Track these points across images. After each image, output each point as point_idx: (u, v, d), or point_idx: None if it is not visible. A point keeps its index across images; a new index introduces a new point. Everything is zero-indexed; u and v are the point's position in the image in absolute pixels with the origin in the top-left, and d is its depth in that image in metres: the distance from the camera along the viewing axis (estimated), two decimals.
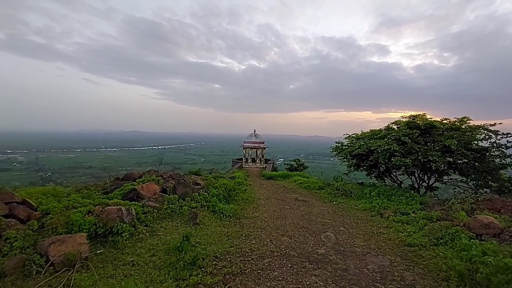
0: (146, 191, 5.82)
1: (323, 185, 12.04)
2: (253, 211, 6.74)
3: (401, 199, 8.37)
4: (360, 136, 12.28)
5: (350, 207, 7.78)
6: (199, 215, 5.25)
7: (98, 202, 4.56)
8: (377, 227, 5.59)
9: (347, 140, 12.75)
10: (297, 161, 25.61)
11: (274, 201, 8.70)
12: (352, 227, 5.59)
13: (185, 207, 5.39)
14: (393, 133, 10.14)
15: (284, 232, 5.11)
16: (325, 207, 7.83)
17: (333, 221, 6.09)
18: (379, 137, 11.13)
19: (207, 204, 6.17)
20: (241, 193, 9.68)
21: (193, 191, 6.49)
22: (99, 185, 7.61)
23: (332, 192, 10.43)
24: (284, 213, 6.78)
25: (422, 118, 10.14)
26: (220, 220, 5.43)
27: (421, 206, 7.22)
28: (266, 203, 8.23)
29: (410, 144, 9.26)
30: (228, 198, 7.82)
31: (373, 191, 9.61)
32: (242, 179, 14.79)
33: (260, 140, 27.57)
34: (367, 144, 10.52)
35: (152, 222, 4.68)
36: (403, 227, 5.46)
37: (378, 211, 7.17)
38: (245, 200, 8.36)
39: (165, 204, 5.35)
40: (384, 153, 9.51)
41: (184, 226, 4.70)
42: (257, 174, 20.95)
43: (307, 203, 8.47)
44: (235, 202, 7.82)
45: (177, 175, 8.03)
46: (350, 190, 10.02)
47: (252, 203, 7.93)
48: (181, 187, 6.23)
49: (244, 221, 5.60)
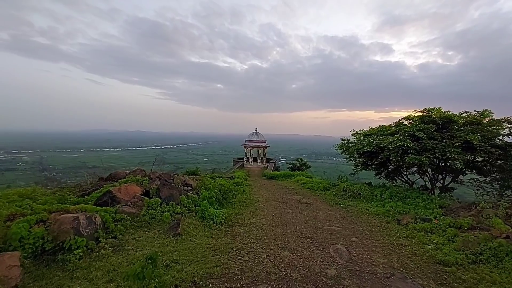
0: (124, 193, 4.99)
1: (328, 185, 11.13)
2: (249, 216, 5.87)
3: (418, 201, 7.42)
4: (369, 132, 11.31)
5: (360, 211, 6.86)
6: (183, 222, 4.40)
7: (55, 208, 3.74)
8: (396, 237, 4.68)
9: (354, 137, 11.79)
10: (300, 160, 24.66)
11: (275, 203, 7.82)
12: (366, 237, 4.68)
13: (166, 213, 4.53)
14: (406, 128, 9.18)
15: (284, 243, 4.24)
16: (331, 211, 6.93)
17: (343, 228, 5.19)
18: (389, 133, 10.17)
19: (196, 208, 5.32)
20: (239, 195, 8.82)
21: (180, 194, 5.65)
22: (80, 186, 6.85)
23: (338, 193, 9.51)
24: (285, 219, 5.90)
25: (438, 111, 9.15)
26: (208, 228, 4.57)
27: (443, 211, 6.28)
28: (265, 206, 7.36)
29: (425, 140, 8.30)
30: (222, 200, 6.97)
31: (385, 192, 8.66)
32: (242, 179, 13.91)
33: (261, 139, 26.65)
34: (377, 140, 9.58)
35: (123, 232, 3.85)
36: (427, 238, 4.54)
37: (393, 216, 6.25)
38: (242, 202, 7.50)
39: (144, 210, 4.51)
40: (396, 150, 8.56)
41: (162, 238, 3.85)
42: (258, 173, 20.13)
43: (311, 206, 7.57)
44: (230, 205, 6.96)
45: (165, 174, 7.20)
46: (359, 191, 9.10)
47: (250, 206, 7.07)
48: (166, 189, 5.39)
49: (237, 229, 4.74)
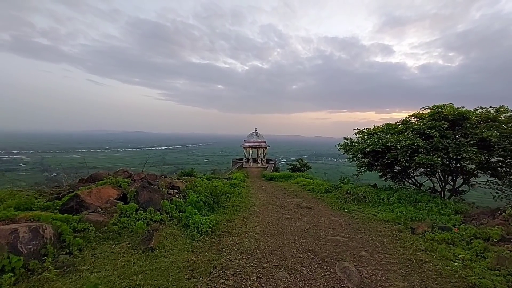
0: (95, 198, 4.31)
1: (330, 187, 10.42)
2: (242, 224, 5.17)
3: (430, 206, 6.70)
4: (373, 131, 10.61)
5: (367, 217, 6.14)
6: (161, 233, 3.71)
7: (1, 216, 3.07)
8: (413, 250, 3.96)
9: (357, 136, 11.08)
10: (300, 161, 23.94)
11: (272, 208, 7.12)
12: (377, 250, 3.97)
13: (140, 222, 3.83)
14: (415, 126, 8.46)
15: (280, 259, 3.53)
16: (335, 217, 6.21)
17: (349, 239, 4.47)
18: (396, 131, 9.46)
19: (180, 215, 4.63)
20: (233, 198, 8.12)
21: (163, 197, 4.95)
22: (56, 188, 6.19)
23: (341, 196, 8.79)
24: (283, 226, 5.20)
25: (450, 107, 8.43)
26: (191, 240, 3.87)
27: (462, 217, 5.55)
28: (261, 211, 6.65)
29: (437, 138, 7.59)
30: (213, 205, 6.27)
31: (392, 195, 7.94)
32: (239, 180, 13.21)
33: (261, 139, 25.96)
34: (383, 139, 8.87)
35: (83, 246, 3.17)
36: (451, 252, 3.83)
37: (405, 223, 5.52)
38: (236, 207, 6.80)
39: (115, 217, 3.82)
40: (404, 149, 7.86)
41: (130, 253, 3.16)
42: (257, 174, 19.47)
43: (312, 211, 6.86)
44: (222, 210, 6.27)
45: (150, 176, 6.52)
46: (364, 194, 8.37)
47: (244, 211, 6.37)
48: (145, 192, 4.70)
49: (226, 241, 4.03)
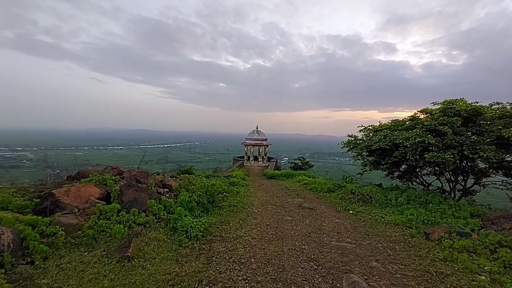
0: (73, 197, 3.88)
1: (333, 186, 9.93)
2: (237, 226, 4.72)
3: (443, 208, 6.19)
4: (379, 127, 10.06)
5: (375, 220, 5.65)
6: (144, 238, 3.27)
7: None
8: (431, 260, 3.47)
9: (362, 133, 10.54)
10: (302, 159, 23.40)
11: (271, 208, 6.66)
12: (389, 260, 3.49)
13: (118, 225, 3.38)
14: (426, 122, 7.91)
15: (278, 271, 3.07)
16: (339, 219, 5.73)
17: (356, 245, 4.00)
18: (404, 128, 8.92)
19: (168, 217, 4.19)
20: (231, 197, 7.67)
21: (150, 197, 4.52)
22: (40, 187, 5.79)
23: (345, 196, 8.30)
24: (283, 230, 4.73)
25: (463, 102, 7.86)
26: (177, 246, 3.43)
27: (481, 222, 5.04)
28: (260, 211, 6.20)
29: (450, 135, 7.04)
30: (208, 205, 5.82)
31: (400, 196, 7.44)
32: (239, 178, 12.77)
33: (262, 137, 25.47)
34: (390, 136, 8.33)
35: (50, 254, 2.75)
36: (474, 262, 3.34)
37: (417, 227, 5.03)
38: (233, 207, 6.36)
39: (91, 220, 3.39)
40: (414, 147, 7.33)
41: (103, 263, 2.73)
42: (258, 173, 19.05)
43: (315, 212, 6.39)
44: (217, 211, 5.82)
45: (142, 173, 6.09)
46: (369, 194, 7.87)
47: (241, 212, 5.92)
48: (130, 191, 4.27)
49: (217, 247, 3.59)
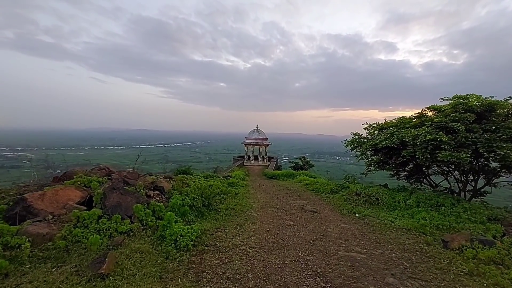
0: (48, 202, 3.45)
1: (336, 187, 9.47)
2: (234, 233, 4.28)
3: (457, 211, 5.73)
4: (385, 125, 9.58)
5: (384, 225, 5.19)
6: (125, 249, 2.84)
7: None
8: (454, 274, 3.02)
9: (366, 131, 10.06)
10: (303, 159, 22.87)
11: (272, 211, 6.21)
12: (407, 275, 3.03)
13: (94, 236, 2.94)
14: (436, 119, 7.44)
15: None
16: (346, 224, 5.28)
17: (368, 256, 3.55)
18: (412, 125, 8.45)
19: (156, 223, 3.76)
20: (229, 199, 7.24)
21: (138, 201, 4.08)
22: (24, 188, 5.37)
23: (350, 198, 7.85)
24: (284, 237, 4.29)
25: (476, 97, 7.39)
26: (163, 258, 2.99)
27: (503, 227, 4.58)
28: (259, 215, 5.75)
29: (463, 132, 6.58)
30: (203, 208, 5.38)
31: (409, 198, 6.97)
32: (238, 178, 12.34)
33: (262, 136, 25.02)
34: (398, 134, 7.87)
35: (12, 271, 2.32)
36: (505, 277, 2.89)
37: (432, 233, 4.58)
38: (230, 210, 5.91)
39: (65, 229, 2.96)
40: (424, 145, 6.87)
41: (72, 282, 2.30)
42: (258, 173, 18.63)
43: (319, 216, 5.94)
44: (213, 215, 5.39)
45: (132, 174, 5.66)
46: (376, 196, 7.41)
47: (239, 216, 5.48)
48: (115, 195, 3.84)
49: (209, 259, 3.15)
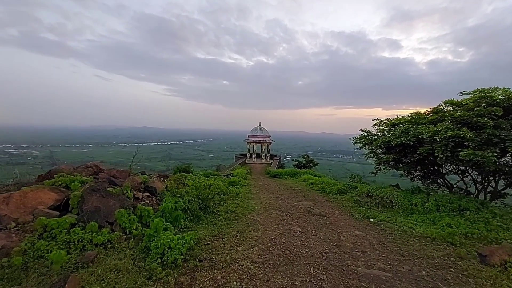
0: (14, 206, 2.93)
1: (344, 187, 8.84)
2: (233, 243, 3.71)
3: (485, 216, 5.09)
4: (397, 121, 8.91)
5: (404, 232, 4.58)
6: (97, 268, 2.30)
7: None
8: None
9: (377, 127, 9.39)
10: (306, 157, 22.16)
11: (276, 215, 5.63)
12: None
13: (57, 252, 2.39)
14: (457, 114, 6.75)
15: None
16: (360, 231, 4.68)
17: (394, 274, 2.94)
18: (427, 121, 7.76)
19: (143, 231, 3.22)
20: (229, 200, 6.69)
21: (122, 204, 3.54)
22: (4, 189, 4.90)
23: (360, 199, 7.23)
24: (291, 247, 3.72)
25: (504, 90, 6.69)
26: (145, 279, 2.42)
27: None
28: (262, 220, 5.18)
29: (489, 129, 5.91)
30: (199, 212, 4.83)
31: (427, 200, 6.34)
32: (240, 177, 11.79)
33: (265, 134, 24.41)
34: (414, 130, 7.20)
35: None
36: None
37: (461, 243, 3.96)
38: (231, 213, 5.36)
39: (26, 241, 2.43)
40: (444, 142, 6.21)
41: None
42: (261, 171, 18.09)
43: (329, 221, 5.34)
44: (211, 219, 4.84)
45: (122, 172, 5.12)
46: (389, 198, 6.78)
47: (239, 221, 4.92)
48: (94, 198, 3.31)
49: (202, 279, 2.58)
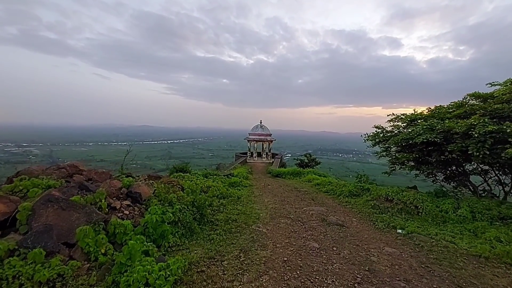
0: None
1: (356, 189, 7.94)
2: (235, 269, 2.84)
3: None
4: (417, 116, 7.98)
5: (445, 248, 3.70)
6: None
7: None
8: None
9: (391, 123, 8.48)
10: (308, 156, 21.16)
11: (285, 225, 4.75)
12: None
13: None
14: (493, 106, 5.85)
15: None
16: (391, 247, 3.81)
17: None
18: (454, 116, 6.84)
19: (112, 257, 2.37)
20: (230, 205, 5.81)
21: (89, 219, 2.68)
22: None
23: (378, 204, 6.35)
24: (312, 274, 2.84)
25: None
26: None
27: None
28: (270, 232, 4.30)
29: None
30: (193, 223, 3.97)
31: (458, 206, 5.46)
32: (241, 177, 10.91)
33: (266, 132, 23.49)
34: (443, 126, 6.25)
35: None
36: None
37: None
38: (232, 223, 4.48)
39: None
40: (481, 139, 5.34)
41: None
42: (262, 170, 17.23)
43: (349, 232, 4.46)
44: (208, 230, 3.98)
45: (102, 174, 4.25)
46: (414, 203, 5.90)
47: (242, 234, 4.05)
48: (50, 211, 2.44)
49: None
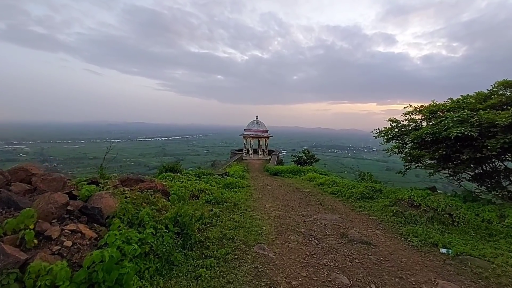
0: None
1: (368, 191, 6.92)
2: None
3: None
4: (441, 107, 6.83)
5: None
6: None
7: None
8: None
9: (407, 117, 7.43)
10: (306, 152, 20.10)
11: (297, 244, 3.66)
12: None
13: None
14: None
15: None
16: (444, 279, 2.76)
17: None
18: (488, 106, 5.78)
19: None
20: (225, 215, 4.69)
21: None
22: None
23: (400, 210, 5.32)
24: None
25: None
26: None
27: None
28: (278, 257, 3.21)
29: None
30: (174, 251, 2.86)
31: (504, 214, 4.47)
32: (237, 177, 9.79)
33: (262, 128, 22.33)
34: (480, 117, 5.20)
35: None
36: None
37: None
38: (227, 244, 3.38)
39: None
40: None
41: None
42: (259, 168, 16.18)
43: (381, 255, 3.40)
44: (196, 257, 2.88)
45: (53, 181, 3.07)
46: (447, 210, 4.88)
47: (242, 262, 2.94)
48: None
49: None
